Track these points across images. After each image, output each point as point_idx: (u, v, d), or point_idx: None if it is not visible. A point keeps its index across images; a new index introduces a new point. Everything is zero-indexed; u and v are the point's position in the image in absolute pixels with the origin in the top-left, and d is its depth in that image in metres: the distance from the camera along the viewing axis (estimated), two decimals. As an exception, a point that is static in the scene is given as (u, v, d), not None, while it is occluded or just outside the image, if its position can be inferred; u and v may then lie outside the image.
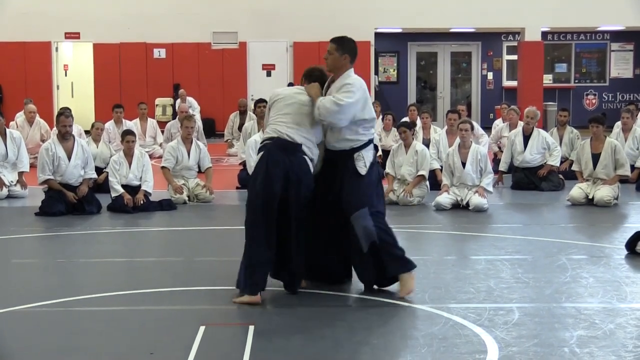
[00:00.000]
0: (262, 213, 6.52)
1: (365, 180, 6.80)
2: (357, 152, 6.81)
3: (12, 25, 22.62)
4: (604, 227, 10.28)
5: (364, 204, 6.73)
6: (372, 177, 6.87)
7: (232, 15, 22.95)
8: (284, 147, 6.61)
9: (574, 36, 26.55)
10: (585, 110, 25.45)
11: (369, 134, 6.89)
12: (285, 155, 6.59)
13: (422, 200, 11.78)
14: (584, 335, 5.77)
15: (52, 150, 11.19)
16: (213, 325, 6.03)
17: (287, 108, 6.77)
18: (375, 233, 6.71)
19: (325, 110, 6.62)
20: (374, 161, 6.95)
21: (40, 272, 8.04)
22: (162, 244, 9.78)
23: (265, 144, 6.72)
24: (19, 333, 5.97)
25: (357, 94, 6.72)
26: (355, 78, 6.84)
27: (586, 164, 11.97)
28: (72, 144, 11.33)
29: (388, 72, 26.64)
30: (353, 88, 6.72)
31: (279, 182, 6.52)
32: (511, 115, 15.40)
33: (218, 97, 22.97)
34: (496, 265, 7.90)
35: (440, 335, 5.75)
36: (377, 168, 7.08)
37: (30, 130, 16.20)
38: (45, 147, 11.32)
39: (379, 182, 7.02)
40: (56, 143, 11.31)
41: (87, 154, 11.48)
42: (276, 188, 6.52)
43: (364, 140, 6.85)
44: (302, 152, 6.67)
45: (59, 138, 11.39)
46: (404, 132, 11.99)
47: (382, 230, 6.79)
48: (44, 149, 11.27)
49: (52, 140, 11.47)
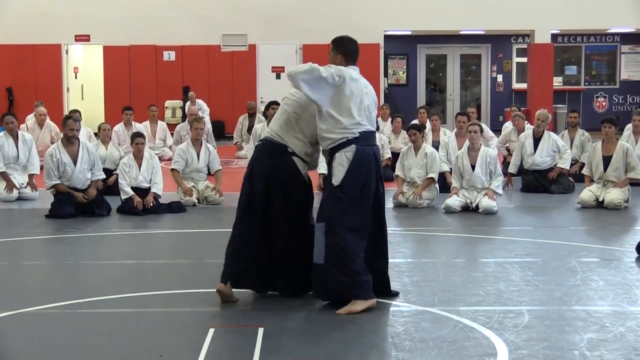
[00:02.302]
0: (245, 213, 6.64)
1: (339, 191, 6.38)
2: (336, 152, 6.45)
3: (23, 27, 22.71)
4: (614, 230, 10.25)
5: (323, 218, 6.41)
6: (352, 188, 6.37)
7: (241, 18, 22.98)
8: (271, 149, 6.62)
9: (584, 38, 26.50)
10: (595, 112, 25.38)
11: (346, 132, 6.42)
12: (270, 158, 6.59)
13: (431, 203, 11.76)
14: (594, 338, 5.75)
15: (56, 157, 11.15)
16: (222, 328, 6.04)
17: (284, 107, 6.77)
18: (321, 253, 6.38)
19: (296, 68, 6.52)
20: (364, 169, 6.43)
21: (50, 274, 8.06)
22: (172, 246, 9.79)
23: (257, 145, 6.82)
24: (28, 335, 5.98)
25: (332, 70, 6.45)
26: (345, 69, 6.56)
27: (597, 166, 11.94)
28: (77, 148, 11.27)
29: (397, 75, 26.63)
30: (331, 68, 6.49)
31: (261, 184, 6.58)
32: (517, 121, 15.24)
33: (227, 100, 22.99)
34: (506, 268, 7.88)
35: (450, 338, 5.74)
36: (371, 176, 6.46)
37: (40, 132, 16.23)
38: (50, 153, 11.26)
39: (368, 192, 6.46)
40: (61, 148, 11.24)
41: (94, 157, 11.46)
42: (258, 188, 6.58)
43: (339, 139, 6.44)
44: (291, 153, 6.60)
45: (64, 142, 11.33)
46: (413, 134, 11.98)
47: (332, 252, 6.36)
48: (49, 155, 11.24)
49: (57, 146, 11.38)
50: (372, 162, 6.49)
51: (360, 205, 6.42)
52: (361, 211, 6.43)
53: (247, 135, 18.27)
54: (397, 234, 9.81)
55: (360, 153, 6.41)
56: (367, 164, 6.44)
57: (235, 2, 23.01)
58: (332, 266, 6.35)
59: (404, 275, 7.59)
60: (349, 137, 6.42)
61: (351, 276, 6.36)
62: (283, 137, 6.62)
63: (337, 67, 6.56)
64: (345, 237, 6.36)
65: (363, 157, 6.42)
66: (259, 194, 6.59)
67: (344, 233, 6.36)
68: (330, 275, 6.36)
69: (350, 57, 6.70)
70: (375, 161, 6.53)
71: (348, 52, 6.70)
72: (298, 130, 6.63)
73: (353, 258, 6.38)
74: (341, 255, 6.35)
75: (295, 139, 6.63)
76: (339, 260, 6.35)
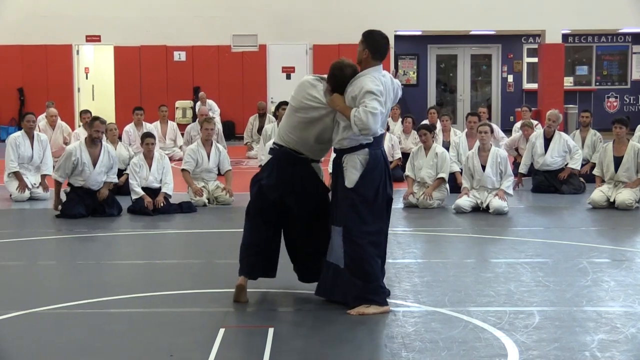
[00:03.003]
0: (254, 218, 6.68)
1: (354, 195, 6.35)
2: (347, 153, 6.39)
3: (34, 28, 22.79)
4: (625, 231, 10.22)
5: (340, 222, 6.39)
6: (366, 192, 6.35)
7: (252, 18, 23.01)
8: (291, 158, 6.53)
9: (595, 38, 26.42)
10: (606, 112, 25.30)
11: (364, 137, 6.33)
12: (291, 166, 6.53)
13: (442, 203, 11.74)
14: (605, 339, 5.73)
15: (76, 155, 11.06)
16: (233, 328, 6.04)
17: (298, 121, 6.53)
18: (340, 257, 6.38)
19: (362, 123, 6.13)
20: (377, 173, 6.39)
21: (61, 274, 8.08)
22: (182, 246, 9.80)
23: (274, 149, 6.66)
24: (39, 334, 6.00)
25: (382, 97, 6.27)
26: (368, 80, 6.30)
27: (608, 166, 11.90)
28: (99, 150, 11.23)
29: (408, 75, 26.61)
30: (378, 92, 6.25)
31: (280, 189, 6.53)
32: (526, 131, 14.82)
33: (238, 100, 23.02)
34: (516, 269, 7.87)
35: (460, 339, 5.73)
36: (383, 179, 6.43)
37: (52, 133, 16.26)
38: (70, 151, 11.17)
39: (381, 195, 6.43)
40: (83, 148, 11.18)
41: (113, 161, 11.39)
42: (273, 197, 6.55)
43: (354, 142, 6.38)
44: (309, 160, 6.59)
45: (87, 142, 11.28)
46: (424, 134, 11.97)
47: (351, 258, 6.36)
48: (68, 152, 11.14)
49: (80, 145, 11.29)
50: (383, 166, 6.48)
51: (375, 210, 6.41)
52: (377, 216, 6.43)
53: (257, 136, 18.28)
54: (407, 234, 9.80)
55: (373, 157, 6.39)
56: (380, 168, 6.42)
57: (245, 3, 23.03)
58: (351, 271, 6.35)
59: (414, 275, 7.58)
60: (364, 142, 6.37)
61: (369, 281, 6.36)
62: (300, 151, 6.54)
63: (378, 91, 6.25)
64: (364, 243, 6.36)
65: (376, 161, 6.40)
66: (275, 203, 6.58)
67: (362, 239, 6.36)
68: (346, 279, 6.36)
69: (377, 54, 6.42)
70: (385, 164, 6.51)
71: (376, 49, 6.42)
72: (309, 134, 6.52)
73: (371, 264, 6.38)
74: (360, 262, 6.36)
75: (310, 151, 6.58)
76: (358, 266, 6.35)
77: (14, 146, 12.70)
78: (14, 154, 12.63)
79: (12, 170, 12.55)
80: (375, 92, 6.25)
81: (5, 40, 22.91)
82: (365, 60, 6.42)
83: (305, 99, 6.50)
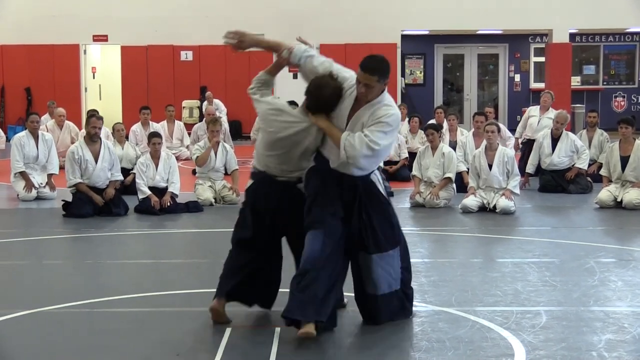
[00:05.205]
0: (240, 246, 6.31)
1: (391, 208, 6.04)
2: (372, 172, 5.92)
3: (41, 28, 22.83)
4: (632, 230, 10.19)
5: (395, 242, 5.99)
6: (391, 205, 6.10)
7: (258, 18, 22.97)
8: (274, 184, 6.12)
9: (602, 38, 26.36)
10: (613, 112, 25.25)
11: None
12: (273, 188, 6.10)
13: (448, 203, 11.74)
14: (613, 339, 5.72)
15: (78, 154, 11.22)
16: (239, 327, 6.04)
17: (277, 144, 6.05)
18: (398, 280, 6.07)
19: (353, 151, 5.58)
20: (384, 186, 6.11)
21: (68, 274, 8.10)
22: (189, 246, 9.81)
23: (255, 173, 6.28)
24: (45, 334, 6.01)
25: (393, 134, 5.76)
26: (394, 111, 5.75)
27: (615, 166, 11.88)
28: (99, 146, 11.37)
29: (415, 74, 26.59)
30: (389, 128, 5.68)
31: (267, 215, 6.12)
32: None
33: (245, 100, 22.73)
34: (523, 268, 7.85)
35: (467, 339, 5.73)
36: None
37: (60, 133, 16.30)
38: (72, 151, 11.34)
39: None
40: (83, 146, 11.34)
41: (114, 156, 11.55)
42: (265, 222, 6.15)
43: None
44: (295, 183, 6.08)
45: (86, 140, 11.45)
46: (431, 134, 11.96)
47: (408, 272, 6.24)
48: (70, 152, 11.31)
49: (79, 144, 11.49)
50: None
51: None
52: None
53: (264, 135, 18.26)
54: (414, 234, 9.79)
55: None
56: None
57: (252, 2, 23.05)
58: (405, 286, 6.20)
59: (421, 275, 7.57)
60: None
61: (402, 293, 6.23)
62: (284, 175, 6.10)
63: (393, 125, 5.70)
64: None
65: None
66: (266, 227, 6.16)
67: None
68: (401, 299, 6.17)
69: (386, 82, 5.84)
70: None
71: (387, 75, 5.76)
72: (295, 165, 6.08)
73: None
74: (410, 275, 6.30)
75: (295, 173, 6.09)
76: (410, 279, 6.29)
77: (19, 146, 12.74)
78: (19, 154, 12.68)
79: (18, 170, 12.60)
80: (392, 123, 5.69)
81: (13, 40, 22.97)
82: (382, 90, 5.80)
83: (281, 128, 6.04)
